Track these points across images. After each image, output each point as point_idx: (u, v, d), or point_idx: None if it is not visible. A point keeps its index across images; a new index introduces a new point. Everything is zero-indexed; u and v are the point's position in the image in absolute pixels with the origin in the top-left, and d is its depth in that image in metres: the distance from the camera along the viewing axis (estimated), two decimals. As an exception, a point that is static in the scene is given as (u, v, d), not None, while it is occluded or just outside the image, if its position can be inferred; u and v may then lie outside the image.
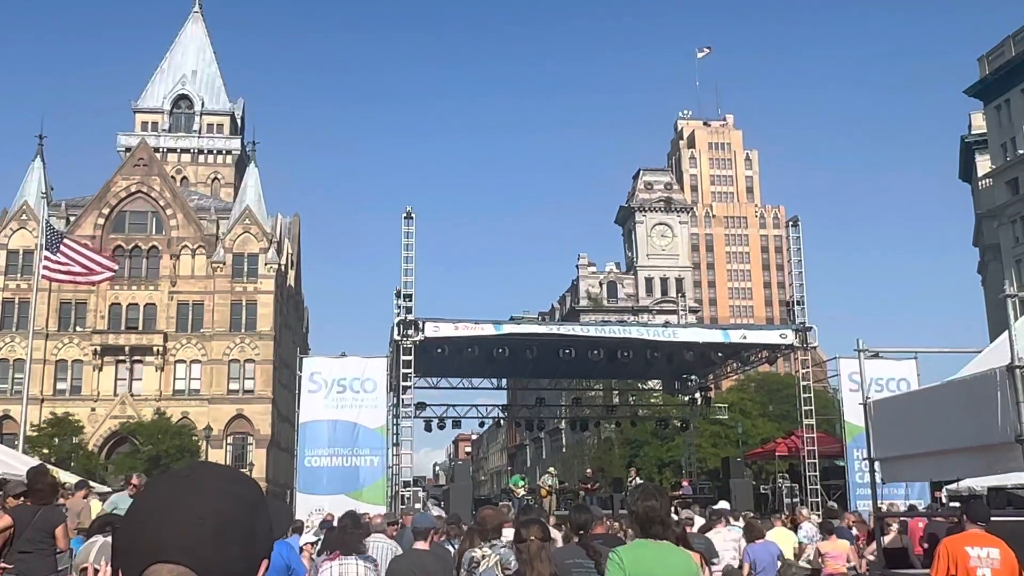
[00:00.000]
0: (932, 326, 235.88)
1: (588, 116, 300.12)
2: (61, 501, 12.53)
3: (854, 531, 16.29)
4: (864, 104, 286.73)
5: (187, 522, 1.49)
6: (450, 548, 10.04)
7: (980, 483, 18.03)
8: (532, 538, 5.20)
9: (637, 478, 34.61)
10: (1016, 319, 8.82)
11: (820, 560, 13.70)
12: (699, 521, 15.98)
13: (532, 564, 5.11)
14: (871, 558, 12.87)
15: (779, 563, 12.51)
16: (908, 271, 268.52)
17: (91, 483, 17.56)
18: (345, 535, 7.74)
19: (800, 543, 15.27)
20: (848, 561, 13.60)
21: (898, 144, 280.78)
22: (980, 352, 10.57)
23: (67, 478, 23.04)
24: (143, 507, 1.54)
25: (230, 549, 1.51)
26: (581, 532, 6.87)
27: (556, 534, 9.74)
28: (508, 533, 7.47)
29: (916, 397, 11.17)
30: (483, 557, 6.84)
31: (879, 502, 12.33)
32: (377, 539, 9.19)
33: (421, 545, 7.52)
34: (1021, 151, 66.18)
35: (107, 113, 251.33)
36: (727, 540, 13.68)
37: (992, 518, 8.20)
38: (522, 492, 31.89)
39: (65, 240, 27.35)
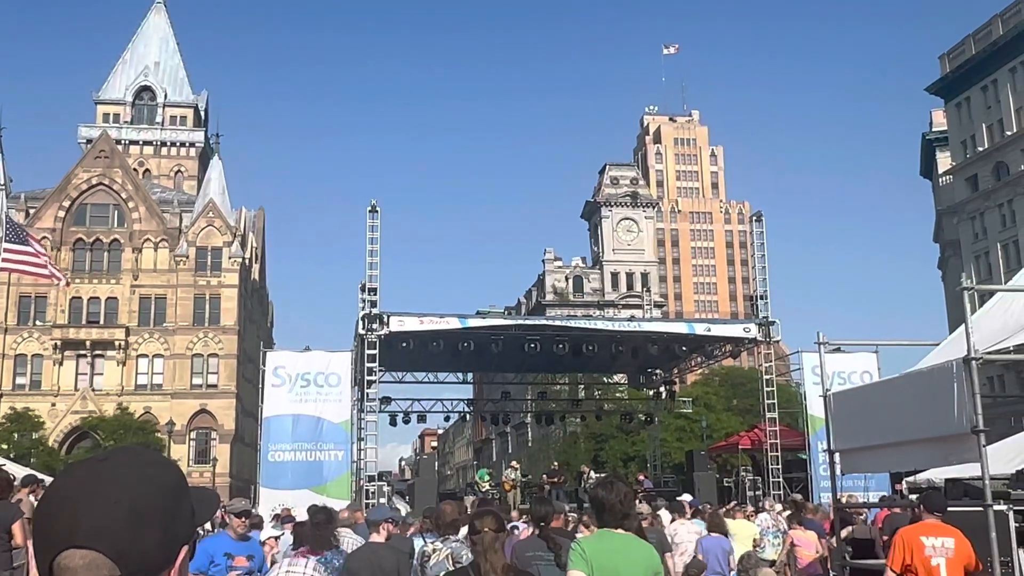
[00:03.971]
0: (894, 321, 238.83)
1: (555, 111, 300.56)
2: (19, 496, 12.31)
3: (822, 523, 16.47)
4: (828, 101, 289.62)
5: (102, 506, 1.46)
6: (422, 541, 10.02)
7: (940, 475, 18.26)
8: (486, 529, 5.19)
9: (592, 473, 34.77)
10: (973, 312, 8.93)
11: (793, 549, 13.83)
12: (667, 516, 16.10)
13: (486, 555, 5.09)
14: (834, 544, 13.05)
15: (730, 556, 12.64)
16: (871, 266, 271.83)
17: (41, 477, 17.19)
18: (318, 531, 7.67)
19: (758, 535, 15.43)
20: (817, 551, 13.79)
21: (861, 141, 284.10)
22: (937, 345, 10.69)
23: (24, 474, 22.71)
24: (59, 491, 1.50)
25: (147, 533, 1.47)
26: (542, 524, 6.87)
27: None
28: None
29: (875, 389, 11.29)
30: (434, 551, 6.84)
31: (839, 494, 12.46)
32: (343, 533, 9.16)
33: (376, 537, 7.49)
34: (981, 148, 67.14)
35: (68, 104, 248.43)
36: (690, 532, 13.80)
37: (949, 508, 8.30)
38: (487, 487, 31.87)
39: (29, 235, 26.98)
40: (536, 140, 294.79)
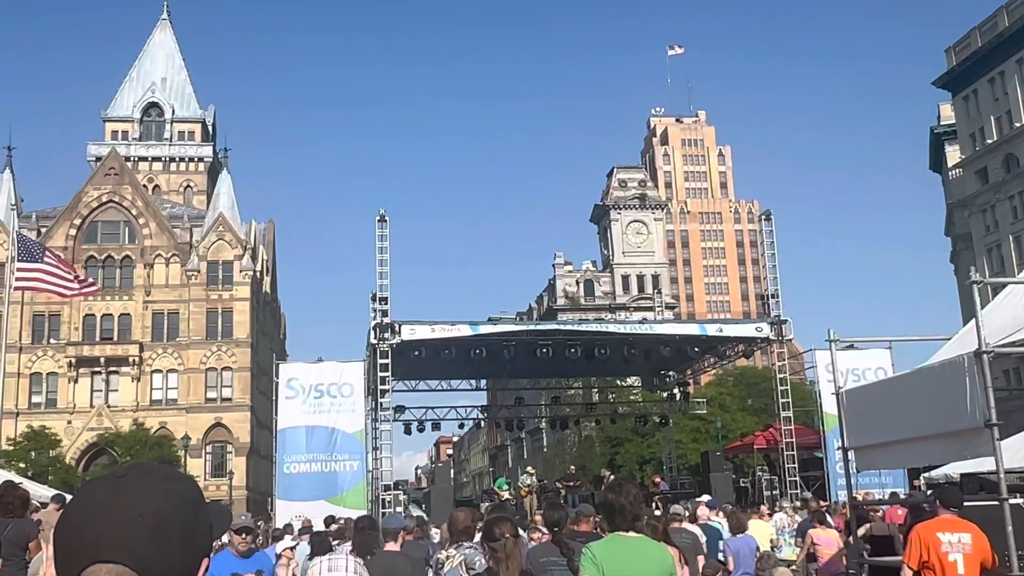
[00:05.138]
0: (908, 316, 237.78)
1: (561, 115, 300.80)
2: (36, 516, 12.38)
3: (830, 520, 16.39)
4: (834, 98, 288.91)
5: (125, 521, 1.49)
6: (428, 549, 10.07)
7: (957, 470, 18.19)
8: (507, 535, 5.19)
9: (611, 476, 34.70)
10: (983, 306, 8.89)
11: (813, 548, 13.80)
12: (703, 512, 16.11)
13: (507, 562, 5.10)
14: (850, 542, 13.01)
15: (756, 553, 12.61)
16: (883, 262, 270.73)
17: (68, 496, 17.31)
18: (362, 536, 7.83)
19: (775, 535, 15.39)
20: (838, 548, 13.76)
21: (869, 136, 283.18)
22: (950, 339, 10.64)
23: (44, 492, 22.81)
24: (81, 508, 1.53)
25: (170, 547, 1.51)
26: (555, 529, 6.88)
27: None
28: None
29: (887, 385, 11.24)
30: (447, 558, 6.86)
31: (854, 491, 12.42)
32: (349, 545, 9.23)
33: (391, 546, 7.52)
34: (990, 140, 66.89)
35: (76, 122, 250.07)
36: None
37: (965, 503, 8.25)
38: (506, 495, 31.78)
39: (47, 252, 27.09)
40: (543, 144, 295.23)
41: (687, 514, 14.90)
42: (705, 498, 20.85)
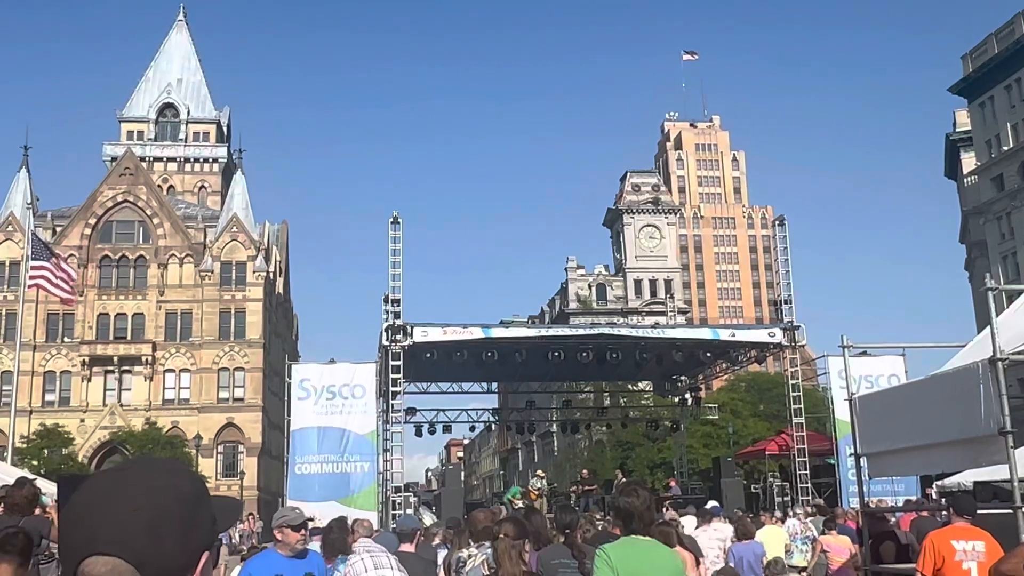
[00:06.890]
0: (922, 323, 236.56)
1: (575, 119, 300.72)
2: (48, 513, 12.39)
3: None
4: (849, 103, 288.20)
5: (121, 515, 1.52)
6: (445, 551, 10.07)
7: (970, 478, 18.10)
8: (502, 535, 5.19)
9: (624, 479, 34.63)
10: (998, 313, 8.85)
11: (824, 555, 13.75)
12: (691, 521, 16.09)
13: (500, 562, 5.11)
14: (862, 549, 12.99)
15: (763, 561, 12.58)
16: (898, 269, 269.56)
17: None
18: (328, 535, 7.82)
19: (788, 541, 15.36)
20: (851, 554, 13.72)
21: (884, 142, 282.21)
22: (965, 346, 10.59)
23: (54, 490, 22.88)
24: (82, 501, 1.57)
25: (166, 540, 1.53)
26: (567, 532, 6.88)
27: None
28: None
29: (901, 392, 11.20)
30: (469, 557, 6.88)
31: (867, 498, 12.37)
32: (364, 543, 9.24)
33: (407, 547, 7.52)
34: (1006, 147, 66.57)
35: (92, 123, 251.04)
36: (712, 539, 13.76)
37: (979, 511, 8.21)
38: (520, 504, 31.69)
39: (55, 254, 27.34)
40: (556, 147, 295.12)
41: (696, 523, 14.90)
42: (710, 504, 20.81)
